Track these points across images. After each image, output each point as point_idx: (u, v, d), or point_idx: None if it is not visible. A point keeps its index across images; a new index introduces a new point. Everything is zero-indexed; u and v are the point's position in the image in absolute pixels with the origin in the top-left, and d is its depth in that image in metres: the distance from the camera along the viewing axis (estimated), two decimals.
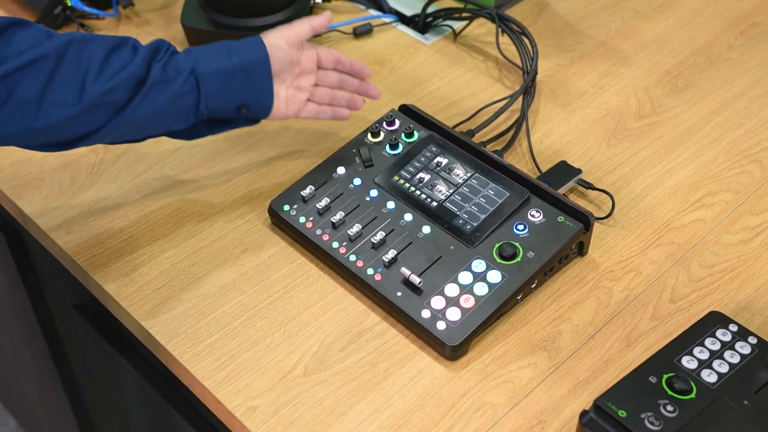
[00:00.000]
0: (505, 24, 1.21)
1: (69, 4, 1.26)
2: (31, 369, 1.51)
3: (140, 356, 1.05)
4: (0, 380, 1.85)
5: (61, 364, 1.36)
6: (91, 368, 1.22)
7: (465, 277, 0.90)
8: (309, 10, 1.27)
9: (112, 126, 0.87)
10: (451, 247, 0.92)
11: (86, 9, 1.27)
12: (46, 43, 0.83)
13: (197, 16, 1.23)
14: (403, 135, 1.03)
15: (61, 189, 1.04)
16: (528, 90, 1.13)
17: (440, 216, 0.95)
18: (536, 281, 0.92)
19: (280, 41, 0.95)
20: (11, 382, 1.76)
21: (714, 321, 0.84)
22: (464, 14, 1.25)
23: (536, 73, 1.15)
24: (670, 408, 0.77)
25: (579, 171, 1.03)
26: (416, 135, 1.03)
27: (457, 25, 1.28)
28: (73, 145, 0.88)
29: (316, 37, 1.26)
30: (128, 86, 0.86)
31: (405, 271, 0.90)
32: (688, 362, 0.81)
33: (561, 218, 0.93)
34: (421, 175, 0.99)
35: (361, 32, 1.27)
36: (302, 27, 0.97)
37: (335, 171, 1.01)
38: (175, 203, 1.03)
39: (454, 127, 1.10)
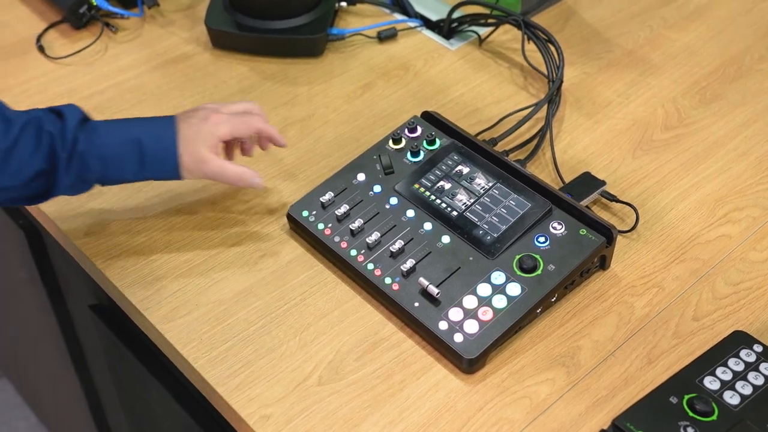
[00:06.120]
0: (531, 31, 1.19)
1: (94, 4, 1.26)
2: (51, 366, 1.51)
3: (156, 358, 1.05)
4: (21, 376, 1.86)
5: (79, 363, 1.36)
6: (108, 368, 1.22)
7: (484, 289, 0.89)
8: (333, 14, 1.26)
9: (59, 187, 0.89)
10: (471, 258, 0.91)
11: (111, 9, 1.27)
12: None
13: (222, 18, 1.23)
14: (424, 142, 1.02)
15: None
16: (553, 99, 1.12)
17: (460, 226, 0.94)
18: (556, 295, 0.90)
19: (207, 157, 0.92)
20: (32, 378, 1.77)
21: (738, 341, 0.83)
22: (490, 20, 1.24)
23: (562, 81, 1.13)
24: (690, 430, 0.75)
25: (603, 183, 1.02)
26: (438, 143, 1.02)
27: (483, 31, 1.26)
28: (42, 199, 0.90)
29: (339, 40, 1.25)
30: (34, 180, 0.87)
31: (423, 281, 0.89)
32: (711, 383, 0.79)
33: (583, 231, 0.92)
34: (442, 183, 0.98)
35: (386, 36, 1.26)
36: (246, 129, 0.95)
37: (355, 177, 1.00)
38: (193, 207, 1.02)
39: (477, 135, 1.09)
